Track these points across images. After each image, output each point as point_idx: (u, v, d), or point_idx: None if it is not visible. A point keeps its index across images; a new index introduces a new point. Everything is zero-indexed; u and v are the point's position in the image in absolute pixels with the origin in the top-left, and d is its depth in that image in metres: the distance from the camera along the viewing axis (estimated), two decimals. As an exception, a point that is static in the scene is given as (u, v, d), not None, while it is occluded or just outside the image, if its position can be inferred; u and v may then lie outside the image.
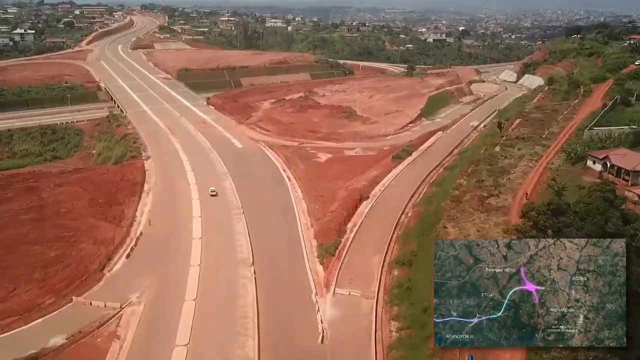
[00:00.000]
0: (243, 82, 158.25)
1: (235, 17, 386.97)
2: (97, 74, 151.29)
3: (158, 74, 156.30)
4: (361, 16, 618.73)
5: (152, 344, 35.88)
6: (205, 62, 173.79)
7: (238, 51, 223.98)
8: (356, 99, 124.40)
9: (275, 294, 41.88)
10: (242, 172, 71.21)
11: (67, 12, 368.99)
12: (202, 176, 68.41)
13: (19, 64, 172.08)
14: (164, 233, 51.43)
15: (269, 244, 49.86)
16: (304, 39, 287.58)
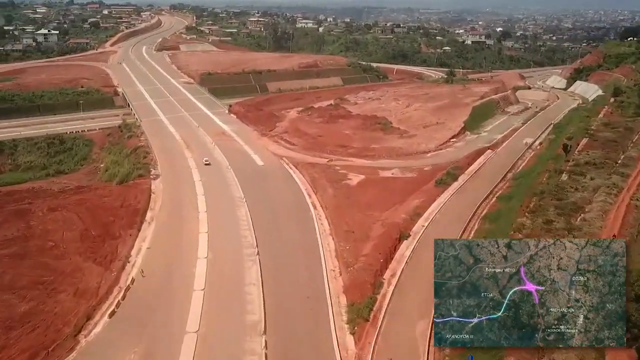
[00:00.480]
0: (269, 87, 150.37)
1: (265, 18, 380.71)
2: (117, 77, 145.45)
3: (180, 77, 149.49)
4: (394, 17, 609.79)
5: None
6: (230, 65, 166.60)
7: (266, 53, 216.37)
8: (392, 108, 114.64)
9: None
10: (261, 197, 62.39)
11: (95, 12, 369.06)
12: (214, 203, 59.88)
13: (39, 65, 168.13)
14: (159, 282, 42.84)
15: (287, 300, 40.74)
16: (335, 40, 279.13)
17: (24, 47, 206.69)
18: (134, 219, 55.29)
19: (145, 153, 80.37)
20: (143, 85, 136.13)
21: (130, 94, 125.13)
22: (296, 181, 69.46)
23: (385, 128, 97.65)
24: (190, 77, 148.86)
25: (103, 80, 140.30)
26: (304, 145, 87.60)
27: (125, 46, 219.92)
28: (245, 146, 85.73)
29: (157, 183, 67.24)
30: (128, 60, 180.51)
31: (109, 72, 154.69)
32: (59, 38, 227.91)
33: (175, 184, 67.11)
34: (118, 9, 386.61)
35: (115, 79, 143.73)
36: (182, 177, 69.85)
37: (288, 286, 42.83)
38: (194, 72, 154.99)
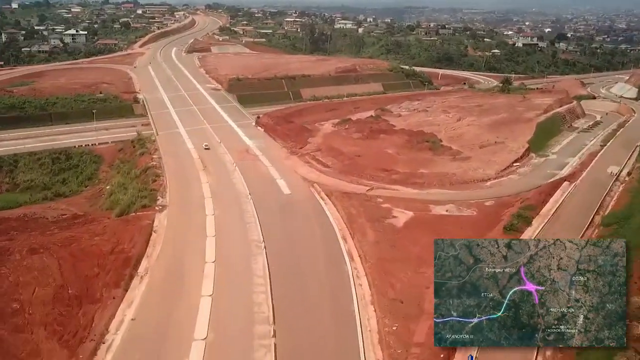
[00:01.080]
0: (303, 94, 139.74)
1: (303, 18, 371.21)
2: (139, 82, 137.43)
3: (207, 83, 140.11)
4: (436, 17, 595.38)
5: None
6: (262, 69, 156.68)
7: (301, 56, 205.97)
8: (440, 121, 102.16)
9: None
10: (285, 241, 51.20)
11: (129, 11, 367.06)
12: (226, 249, 48.91)
13: (61, 68, 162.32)
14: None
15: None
16: (375, 42, 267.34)
17: (51, 48, 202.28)
18: (123, 272, 44.68)
19: (155, 176, 70.22)
20: (166, 91, 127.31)
21: (151, 101, 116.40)
22: (329, 218, 57.91)
23: (435, 147, 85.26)
24: (218, 83, 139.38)
25: (124, 86, 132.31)
26: (340, 167, 76.20)
27: (155, 47, 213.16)
28: (270, 168, 74.71)
29: (162, 217, 56.74)
30: (155, 63, 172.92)
31: (133, 75, 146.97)
32: (88, 39, 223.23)
33: (183, 219, 56.49)
34: (152, 8, 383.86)
35: (137, 84, 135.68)
36: (192, 209, 59.26)
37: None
38: (222, 76, 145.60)
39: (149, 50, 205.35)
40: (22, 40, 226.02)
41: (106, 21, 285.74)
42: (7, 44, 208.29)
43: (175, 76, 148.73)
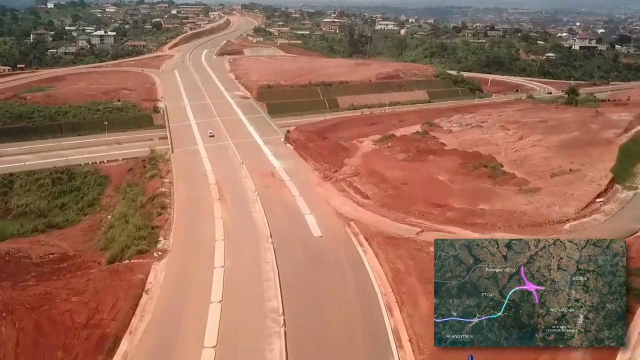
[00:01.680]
0: (340, 103, 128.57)
1: (342, 19, 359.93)
2: (163, 88, 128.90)
3: (236, 90, 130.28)
4: (480, 17, 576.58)
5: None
6: (296, 75, 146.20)
7: (339, 59, 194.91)
8: (499, 140, 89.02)
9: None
10: (311, 314, 39.72)
11: (163, 11, 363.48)
12: (233, 327, 37.78)
13: (83, 71, 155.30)
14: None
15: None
16: (419, 44, 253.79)
17: (78, 49, 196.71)
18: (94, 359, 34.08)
19: (162, 207, 59.87)
20: (190, 99, 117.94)
21: (171, 111, 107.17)
22: (369, 274, 46.21)
23: (495, 174, 72.31)
24: (247, 90, 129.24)
25: (146, 92, 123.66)
26: (382, 198, 64.25)
27: (185, 49, 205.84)
28: (299, 198, 63.38)
29: (159, 269, 46.05)
30: (183, 66, 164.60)
31: (157, 80, 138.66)
32: (116, 40, 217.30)
33: (184, 273, 45.68)
34: (187, 8, 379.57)
35: (160, 90, 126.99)
36: (197, 258, 48.39)
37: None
38: (252, 83, 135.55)
39: (179, 53, 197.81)
40: (50, 42, 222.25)
41: (137, 21, 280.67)
42: (34, 45, 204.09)
43: (202, 82, 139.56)
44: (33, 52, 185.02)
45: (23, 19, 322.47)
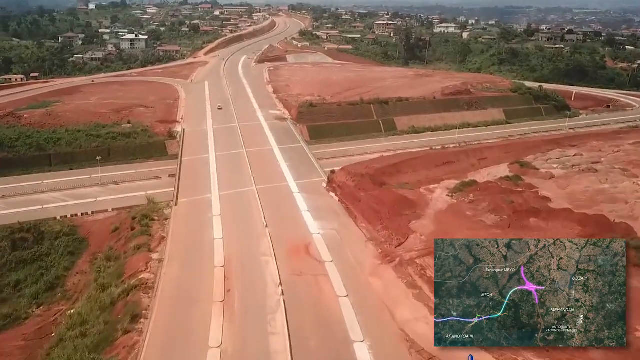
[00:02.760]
0: (399, 124, 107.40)
1: (396, 20, 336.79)
2: (187, 105, 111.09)
3: (272, 108, 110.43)
4: (542, 18, 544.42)
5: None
6: (345, 88, 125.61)
7: (395, 68, 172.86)
8: (626, 192, 65.05)
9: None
10: None
11: (206, 12, 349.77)
12: None
13: (103, 81, 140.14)
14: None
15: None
16: (484, 50, 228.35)
17: (105, 55, 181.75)
18: None
19: (133, 317, 39.62)
20: (215, 121, 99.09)
21: (190, 138, 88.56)
22: None
23: (638, 254, 48.94)
24: (286, 108, 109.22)
25: (165, 111, 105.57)
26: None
27: (222, 55, 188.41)
28: (345, 303, 41.90)
29: None
30: (215, 76, 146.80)
31: (182, 94, 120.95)
32: (148, 44, 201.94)
33: None
34: (231, 9, 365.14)
35: (182, 108, 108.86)
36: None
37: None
38: (293, 98, 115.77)
39: (214, 59, 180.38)
40: (79, 46, 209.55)
41: (174, 24, 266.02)
42: (59, 50, 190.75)
43: (234, 96, 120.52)
44: (54, 58, 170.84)
45: (61, 20, 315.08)
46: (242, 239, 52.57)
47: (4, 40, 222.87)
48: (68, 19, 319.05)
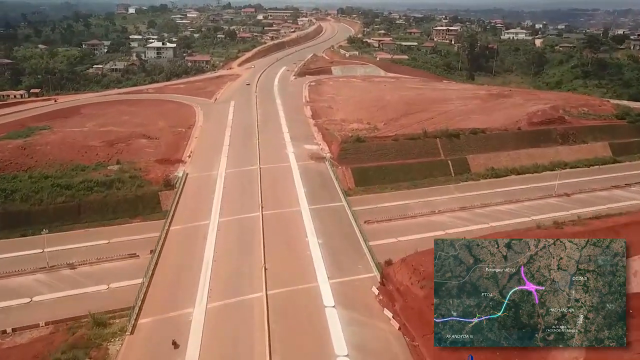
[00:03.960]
0: (473, 165, 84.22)
1: (455, 25, 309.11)
2: (200, 135, 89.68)
3: (308, 140, 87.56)
4: (613, 21, 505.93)
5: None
6: (402, 111, 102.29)
7: (462, 85, 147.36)
8: None
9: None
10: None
11: (248, 17, 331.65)
12: None
13: (110, 100, 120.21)
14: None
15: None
16: (563, 60, 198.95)
17: (127, 65, 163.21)
18: None
19: None
20: (231, 161, 77.11)
21: (191, 189, 67.05)
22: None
23: None
24: (325, 141, 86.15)
25: (171, 144, 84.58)
26: None
27: (258, 67, 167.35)
28: None
29: None
30: (245, 94, 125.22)
31: (199, 119, 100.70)
32: (177, 53, 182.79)
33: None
34: (275, 13, 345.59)
35: (194, 140, 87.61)
36: None
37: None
38: (335, 125, 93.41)
39: (249, 71, 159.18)
40: (104, 54, 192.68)
41: (210, 29, 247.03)
42: (79, 60, 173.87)
43: (263, 122, 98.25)
44: (66, 70, 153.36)
45: (97, 25, 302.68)
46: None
47: (27, 48, 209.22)
48: (104, 24, 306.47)
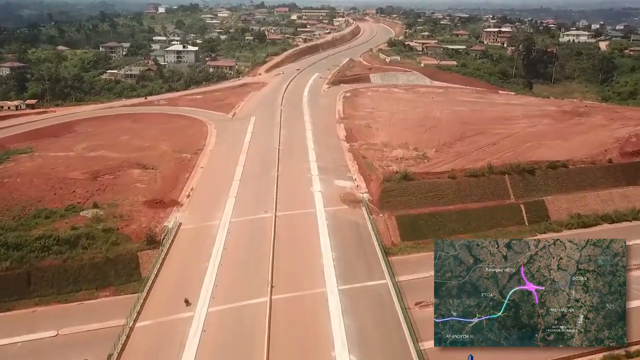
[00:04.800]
0: (553, 212, 67.77)
1: (504, 26, 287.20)
2: (208, 164, 74.11)
3: (339, 175, 70.44)
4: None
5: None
6: (456, 133, 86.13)
7: (524, 97, 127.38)
8: None
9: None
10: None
11: (282, 17, 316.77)
12: None
13: (109, 114, 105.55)
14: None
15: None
16: (636, 66, 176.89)
17: (143, 70, 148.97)
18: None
19: None
20: (239, 205, 60.59)
21: (181, 249, 51.59)
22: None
23: None
24: (362, 176, 68.75)
25: (169, 177, 69.69)
26: None
27: (287, 73, 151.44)
28: None
29: None
30: (269, 107, 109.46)
31: (210, 142, 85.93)
32: (198, 57, 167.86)
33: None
34: (310, 13, 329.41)
35: (200, 170, 71.45)
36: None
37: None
38: (375, 152, 77.43)
39: (277, 78, 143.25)
40: (122, 57, 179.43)
41: (238, 30, 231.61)
42: (92, 65, 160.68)
43: (286, 147, 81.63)
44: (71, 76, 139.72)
45: (124, 25, 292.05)
46: None
47: (45, 49, 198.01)
48: (131, 24, 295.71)
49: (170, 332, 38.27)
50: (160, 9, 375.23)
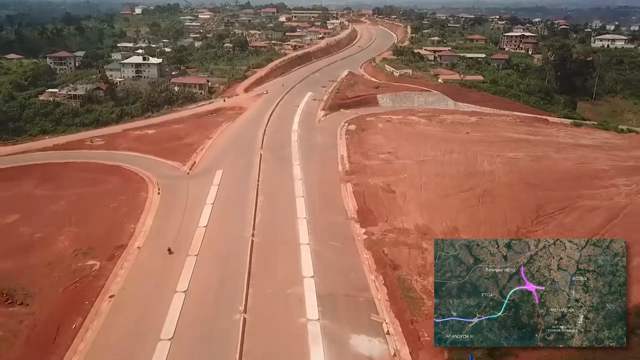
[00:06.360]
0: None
1: (517, 28, 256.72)
2: (123, 289, 40.95)
3: (355, 322, 38.43)
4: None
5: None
6: (531, 210, 55.85)
7: (593, 130, 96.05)
8: None
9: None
10: None
11: (269, 18, 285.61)
12: None
13: (8, 167, 73.40)
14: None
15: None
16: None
17: (89, 91, 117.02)
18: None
19: None
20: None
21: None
22: None
23: None
24: (396, 317, 37.46)
25: (37, 335, 36.66)
26: None
27: (272, 92, 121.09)
28: None
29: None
30: (245, 152, 78.35)
31: (142, 228, 54.22)
32: (162, 71, 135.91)
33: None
34: (300, 14, 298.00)
35: (103, 306, 39.18)
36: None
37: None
38: (409, 249, 46.44)
39: (259, 100, 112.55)
40: (71, 71, 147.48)
41: (215, 36, 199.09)
42: (31, 81, 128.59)
43: (264, 238, 50.18)
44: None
45: (93, 28, 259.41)
46: None
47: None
48: (100, 28, 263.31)
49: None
50: (137, 9, 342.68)
